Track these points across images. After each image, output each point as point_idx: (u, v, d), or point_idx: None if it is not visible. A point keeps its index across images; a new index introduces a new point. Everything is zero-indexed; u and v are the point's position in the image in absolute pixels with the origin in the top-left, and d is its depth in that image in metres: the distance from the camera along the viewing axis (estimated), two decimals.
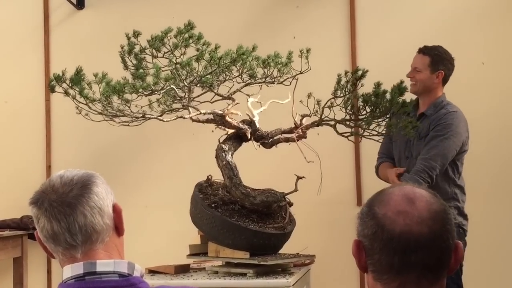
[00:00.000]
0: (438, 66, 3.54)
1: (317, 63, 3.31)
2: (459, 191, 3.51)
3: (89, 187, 1.53)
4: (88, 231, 1.51)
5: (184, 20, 3.19)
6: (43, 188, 1.55)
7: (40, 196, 1.53)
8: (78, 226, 1.50)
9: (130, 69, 3.22)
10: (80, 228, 1.50)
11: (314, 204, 4.01)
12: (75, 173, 1.56)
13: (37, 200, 1.53)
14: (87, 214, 1.51)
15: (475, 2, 4.27)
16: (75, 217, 1.50)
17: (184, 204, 3.35)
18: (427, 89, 3.55)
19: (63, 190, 1.52)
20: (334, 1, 4.42)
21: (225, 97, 3.25)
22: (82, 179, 1.54)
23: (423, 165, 3.37)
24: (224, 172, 3.17)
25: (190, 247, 3.33)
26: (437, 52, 3.57)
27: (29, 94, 4.77)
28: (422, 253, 1.28)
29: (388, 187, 1.38)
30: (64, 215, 1.50)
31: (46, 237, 1.52)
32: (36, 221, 1.53)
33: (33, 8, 4.81)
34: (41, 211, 1.51)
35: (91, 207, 1.51)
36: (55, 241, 1.51)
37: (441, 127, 3.43)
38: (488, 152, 4.15)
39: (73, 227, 1.50)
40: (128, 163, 4.61)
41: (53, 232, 1.50)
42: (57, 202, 1.50)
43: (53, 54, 4.75)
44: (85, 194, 1.52)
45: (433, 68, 3.53)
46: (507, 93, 4.18)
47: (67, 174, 1.55)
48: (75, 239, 1.50)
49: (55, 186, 1.53)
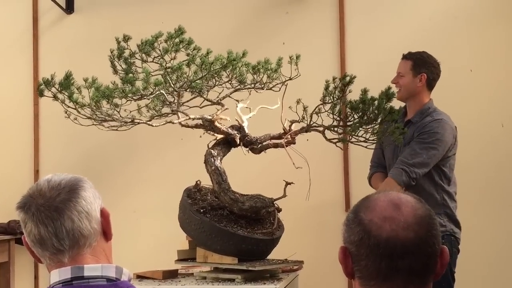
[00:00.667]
0: (420, 69, 3.54)
1: (306, 69, 3.32)
2: (448, 198, 3.49)
3: (77, 191, 1.53)
4: (75, 236, 1.50)
5: (174, 26, 3.19)
6: (31, 193, 1.54)
7: (28, 201, 1.52)
8: (66, 231, 1.49)
9: (120, 74, 3.21)
10: (67, 233, 1.49)
11: (303, 210, 4.02)
12: (62, 178, 1.55)
13: (24, 204, 1.52)
14: (74, 218, 1.50)
15: (463, 9, 4.29)
16: (62, 221, 1.49)
17: (172, 209, 3.34)
18: (411, 93, 3.56)
19: (50, 194, 1.51)
20: (323, 7, 4.44)
21: (214, 103, 3.26)
22: (69, 184, 1.54)
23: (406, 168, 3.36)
24: (213, 177, 3.17)
25: (178, 253, 3.33)
26: (419, 56, 3.59)
27: (17, 98, 4.75)
28: (408, 259, 1.28)
29: (373, 193, 1.38)
30: (52, 219, 1.49)
31: (33, 241, 1.52)
32: (23, 226, 1.53)
33: (22, 11, 4.80)
34: (28, 215, 1.51)
35: (79, 211, 1.51)
36: (42, 245, 1.51)
37: (427, 135, 3.42)
38: (477, 158, 4.17)
39: (60, 232, 1.49)
40: (117, 168, 4.60)
41: (40, 236, 1.50)
42: (44, 207, 1.50)
43: (42, 58, 4.74)
44: (72, 199, 1.51)
45: (415, 71, 3.53)
46: (495, 99, 4.21)
47: (55, 179, 1.55)
48: (63, 243, 1.49)
49: (42, 191, 1.52)
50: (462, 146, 3.98)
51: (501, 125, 4.18)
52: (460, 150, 3.70)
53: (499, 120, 4.19)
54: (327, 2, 4.43)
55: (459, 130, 3.60)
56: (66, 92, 3.10)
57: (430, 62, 3.58)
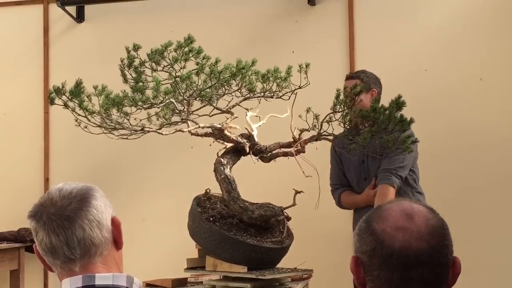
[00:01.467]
0: (370, 85, 3.63)
1: (316, 78, 3.31)
2: (422, 198, 3.60)
3: (88, 200, 1.53)
4: (86, 245, 1.50)
5: (183, 34, 3.20)
6: (42, 201, 1.54)
7: (39, 209, 1.53)
8: (77, 240, 1.49)
9: (130, 82, 3.22)
10: (78, 242, 1.49)
11: (312, 218, 4.00)
12: (74, 186, 1.55)
13: (35, 213, 1.53)
14: (85, 227, 1.50)
15: (472, 18, 4.29)
16: (73, 230, 1.49)
17: (182, 218, 3.34)
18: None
19: (61, 203, 1.51)
20: (332, 16, 4.44)
21: (224, 111, 3.26)
22: (81, 192, 1.54)
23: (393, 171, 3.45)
24: (222, 185, 3.17)
25: (187, 261, 3.32)
26: (364, 74, 3.69)
27: (28, 107, 4.78)
28: (421, 269, 1.28)
29: (385, 203, 1.37)
30: (63, 228, 1.49)
31: (44, 250, 1.52)
32: (35, 234, 1.53)
33: (33, 21, 4.83)
34: (40, 224, 1.51)
35: (90, 220, 1.51)
36: (54, 254, 1.51)
37: None
38: (488, 167, 4.15)
39: (72, 241, 1.49)
40: (127, 176, 4.61)
41: (52, 245, 1.50)
42: (56, 216, 1.50)
43: (53, 67, 4.76)
44: (83, 208, 1.51)
45: (366, 87, 3.56)
46: (505, 108, 4.19)
47: (66, 187, 1.55)
48: (74, 252, 1.49)
49: (53, 199, 1.52)
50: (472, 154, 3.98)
51: (511, 133, 4.16)
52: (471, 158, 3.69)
53: (510, 128, 4.17)
54: (336, 10, 4.44)
55: (470, 138, 3.60)
56: (77, 100, 3.11)
57: (375, 77, 3.69)
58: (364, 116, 3.06)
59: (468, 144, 4.16)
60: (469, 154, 4.16)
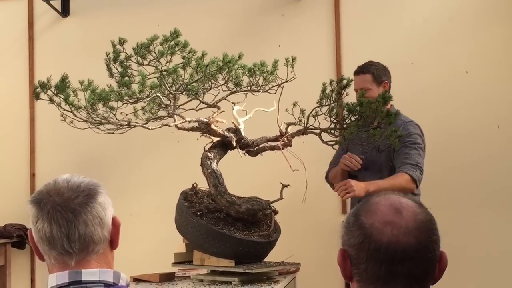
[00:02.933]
0: (381, 78, 3.61)
1: (302, 71, 3.31)
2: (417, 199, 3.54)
3: (95, 196, 1.52)
4: (86, 241, 1.49)
5: (169, 28, 3.19)
6: (48, 189, 1.51)
7: (44, 197, 1.50)
8: (78, 234, 1.48)
9: (116, 77, 3.21)
10: (79, 236, 1.48)
11: (299, 212, 4.02)
12: (82, 180, 1.54)
13: (40, 200, 1.50)
14: (88, 223, 1.49)
15: (458, 11, 4.30)
16: (76, 224, 1.48)
17: (169, 212, 3.34)
18: None
19: (68, 195, 1.49)
20: (319, 9, 4.45)
21: (210, 105, 3.25)
22: (88, 187, 1.52)
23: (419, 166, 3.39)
24: (210, 180, 3.17)
25: (175, 255, 3.32)
26: (374, 66, 3.64)
27: (13, 102, 4.75)
28: (408, 264, 1.28)
29: (374, 196, 1.37)
30: (66, 220, 1.47)
31: (42, 238, 1.49)
32: (34, 221, 1.50)
33: (17, 15, 4.80)
34: (43, 212, 1.48)
35: (94, 216, 1.50)
36: (51, 244, 1.49)
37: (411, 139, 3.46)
38: (473, 160, 4.18)
39: (73, 234, 1.48)
40: (113, 171, 4.59)
41: (51, 235, 1.48)
42: (61, 206, 1.48)
43: (38, 62, 4.74)
44: (89, 203, 1.50)
45: (378, 81, 3.58)
46: (490, 101, 4.21)
47: (74, 180, 1.53)
48: (73, 246, 1.48)
49: (61, 190, 1.50)
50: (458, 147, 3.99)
51: (497, 126, 4.19)
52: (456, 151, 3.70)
53: (495, 121, 4.19)
54: (322, 4, 4.44)
55: (456, 131, 3.61)
56: (62, 95, 3.09)
57: (384, 68, 3.65)
58: (350, 110, 3.07)
59: (454, 137, 4.18)
60: (455, 147, 4.18)
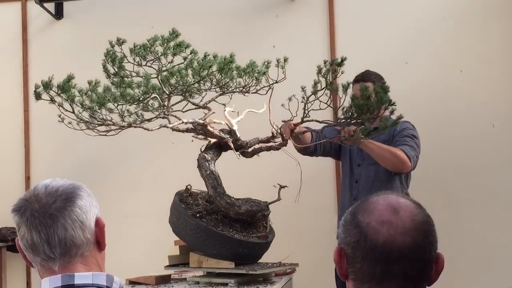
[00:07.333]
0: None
1: (297, 72, 3.31)
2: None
3: (73, 200, 1.50)
4: (67, 245, 1.48)
5: (163, 30, 3.19)
6: (27, 197, 1.52)
7: (23, 204, 1.50)
8: (58, 239, 1.47)
9: (112, 78, 3.21)
10: (59, 241, 1.48)
11: (294, 212, 4.01)
12: (61, 184, 1.53)
13: (19, 208, 1.50)
14: (68, 227, 1.48)
15: (452, 11, 4.31)
16: (55, 229, 1.47)
17: (164, 214, 3.33)
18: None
19: (46, 200, 1.49)
20: (313, 10, 4.45)
21: (201, 107, 3.25)
22: (67, 191, 1.51)
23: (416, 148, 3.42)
24: (208, 181, 3.15)
25: (169, 258, 3.31)
26: (374, 75, 3.64)
27: (7, 105, 4.74)
28: (404, 264, 1.27)
29: (373, 195, 1.37)
30: (45, 226, 1.47)
31: (25, 246, 1.50)
32: (17, 229, 1.51)
33: (11, 18, 4.79)
34: (23, 219, 1.49)
35: (73, 220, 1.49)
36: (34, 251, 1.49)
37: (407, 132, 3.49)
38: (467, 158, 4.18)
39: (53, 239, 1.47)
40: (108, 173, 4.59)
41: (33, 242, 1.48)
42: (39, 213, 1.48)
43: (32, 65, 4.73)
44: (67, 207, 1.49)
45: None
46: (485, 100, 4.22)
47: (53, 184, 1.52)
48: (54, 251, 1.48)
49: (39, 196, 1.50)
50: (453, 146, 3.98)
51: (491, 125, 4.19)
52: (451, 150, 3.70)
53: (490, 120, 4.20)
54: (317, 5, 4.44)
55: (450, 130, 3.61)
56: (65, 95, 3.09)
57: (381, 77, 3.64)
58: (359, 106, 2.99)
59: (448, 136, 4.18)
60: (449, 146, 4.18)
